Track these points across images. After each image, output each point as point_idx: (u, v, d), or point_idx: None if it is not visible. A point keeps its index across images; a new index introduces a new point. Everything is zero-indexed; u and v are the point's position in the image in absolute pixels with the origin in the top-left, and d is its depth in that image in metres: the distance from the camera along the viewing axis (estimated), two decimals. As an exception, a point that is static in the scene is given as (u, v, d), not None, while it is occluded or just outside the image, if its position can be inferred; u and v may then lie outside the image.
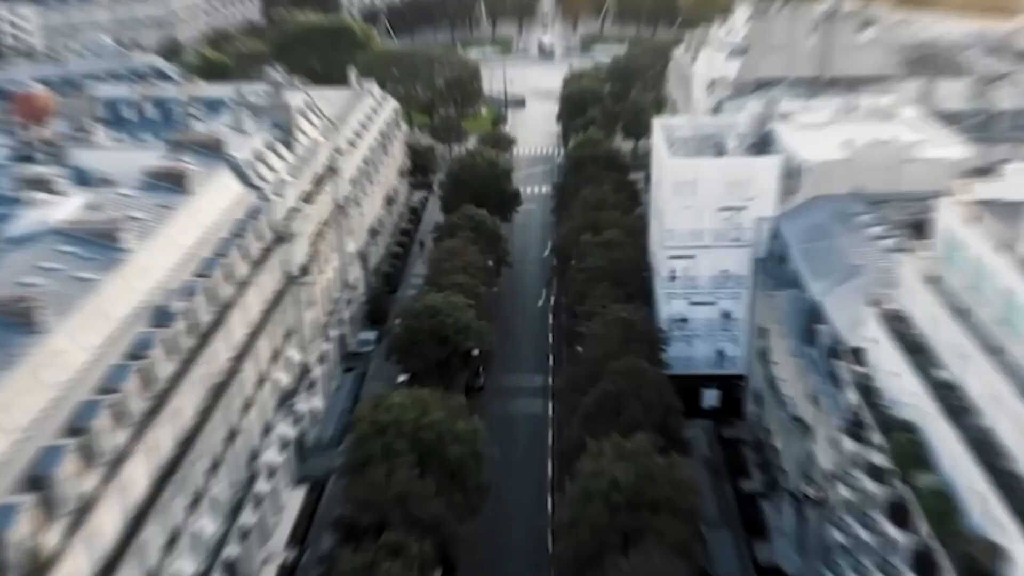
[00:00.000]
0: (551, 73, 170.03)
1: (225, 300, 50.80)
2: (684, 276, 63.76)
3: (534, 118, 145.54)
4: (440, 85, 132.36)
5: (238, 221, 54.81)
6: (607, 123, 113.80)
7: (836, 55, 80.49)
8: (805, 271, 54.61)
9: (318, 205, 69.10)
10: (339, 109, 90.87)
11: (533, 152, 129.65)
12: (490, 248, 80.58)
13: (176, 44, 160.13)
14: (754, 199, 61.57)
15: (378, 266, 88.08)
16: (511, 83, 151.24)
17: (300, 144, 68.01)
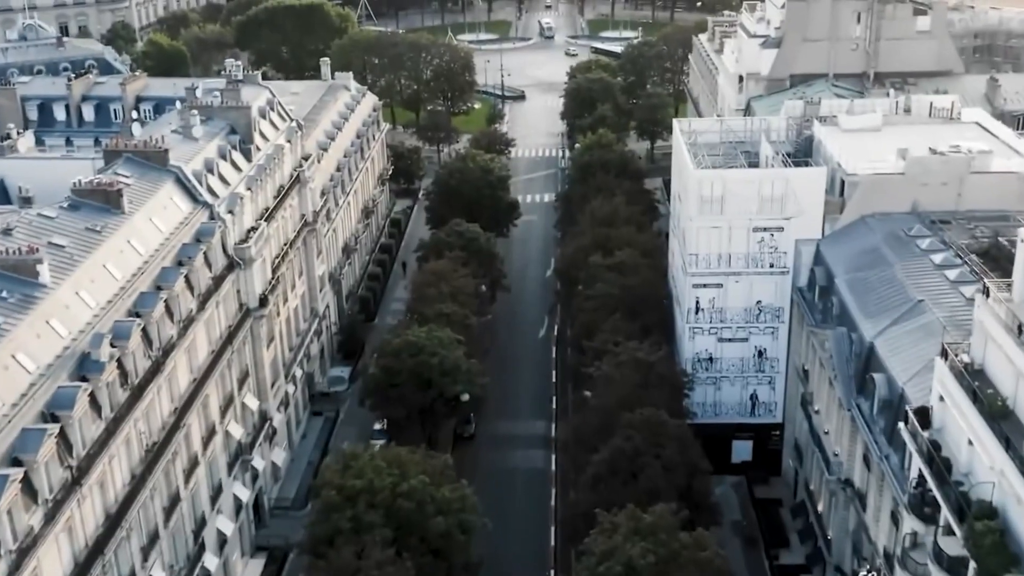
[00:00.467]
0: (554, 62, 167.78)
1: (166, 343, 47.82)
2: (711, 308, 60.80)
3: (535, 113, 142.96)
4: (427, 77, 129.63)
5: (184, 246, 51.84)
6: (619, 121, 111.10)
7: (885, 47, 77.82)
8: (855, 306, 51.66)
9: (281, 222, 66.19)
10: (309, 107, 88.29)
11: (534, 154, 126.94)
12: (484, 270, 77.69)
13: (128, 30, 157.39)
14: (793, 218, 58.63)
15: (353, 289, 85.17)
16: (509, 73, 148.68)
17: (261, 151, 65.11)
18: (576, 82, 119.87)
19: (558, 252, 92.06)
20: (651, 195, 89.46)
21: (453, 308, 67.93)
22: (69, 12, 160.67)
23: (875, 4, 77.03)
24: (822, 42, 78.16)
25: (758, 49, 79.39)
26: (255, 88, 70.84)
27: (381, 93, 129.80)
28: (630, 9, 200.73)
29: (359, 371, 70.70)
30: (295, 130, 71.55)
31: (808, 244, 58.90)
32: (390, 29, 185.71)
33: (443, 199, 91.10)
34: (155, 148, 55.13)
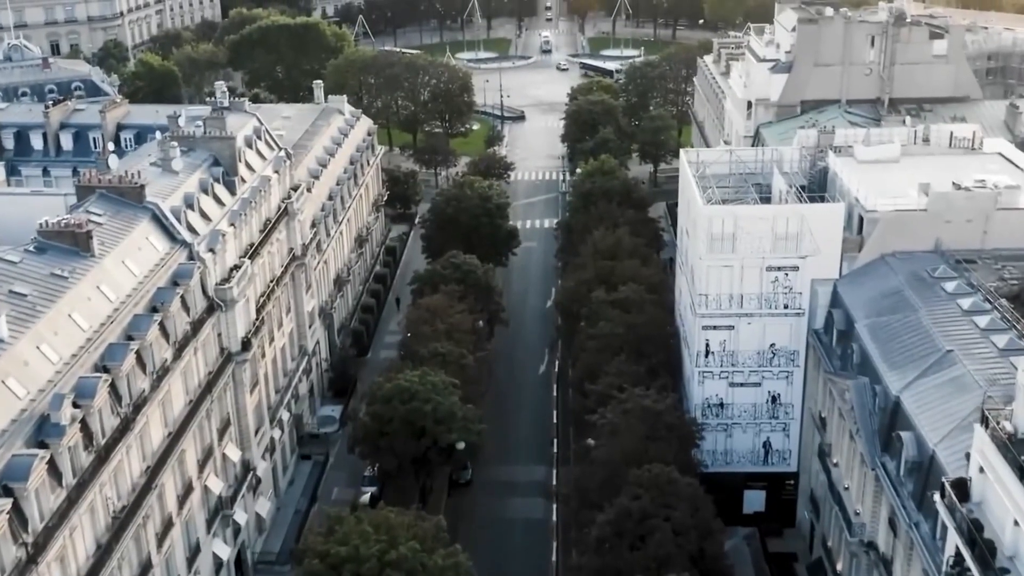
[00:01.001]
0: (555, 81, 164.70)
1: (137, 397, 44.33)
2: (722, 351, 57.27)
3: (535, 134, 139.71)
4: (425, 98, 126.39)
5: (159, 290, 48.39)
6: (621, 145, 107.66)
7: (900, 72, 74.49)
8: (878, 355, 48.15)
9: (267, 258, 62.77)
10: (301, 132, 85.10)
11: (534, 177, 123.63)
12: (481, 304, 74.20)
13: (120, 48, 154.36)
14: (809, 257, 55.19)
15: (346, 322, 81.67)
16: (508, 95, 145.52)
17: (246, 183, 61.71)
18: (577, 104, 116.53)
19: (559, 283, 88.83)
20: (655, 224, 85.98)
21: (449, 347, 64.45)
22: (60, 30, 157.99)
23: (889, 27, 73.75)
24: (834, 67, 74.84)
25: (767, 74, 76.07)
26: (241, 115, 67.48)
27: (377, 114, 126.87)
28: (631, 27, 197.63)
29: (351, 411, 67.13)
30: (283, 160, 68.16)
31: (825, 284, 55.47)
32: (387, 47, 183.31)
33: (439, 227, 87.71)
34: (130, 184, 51.70)
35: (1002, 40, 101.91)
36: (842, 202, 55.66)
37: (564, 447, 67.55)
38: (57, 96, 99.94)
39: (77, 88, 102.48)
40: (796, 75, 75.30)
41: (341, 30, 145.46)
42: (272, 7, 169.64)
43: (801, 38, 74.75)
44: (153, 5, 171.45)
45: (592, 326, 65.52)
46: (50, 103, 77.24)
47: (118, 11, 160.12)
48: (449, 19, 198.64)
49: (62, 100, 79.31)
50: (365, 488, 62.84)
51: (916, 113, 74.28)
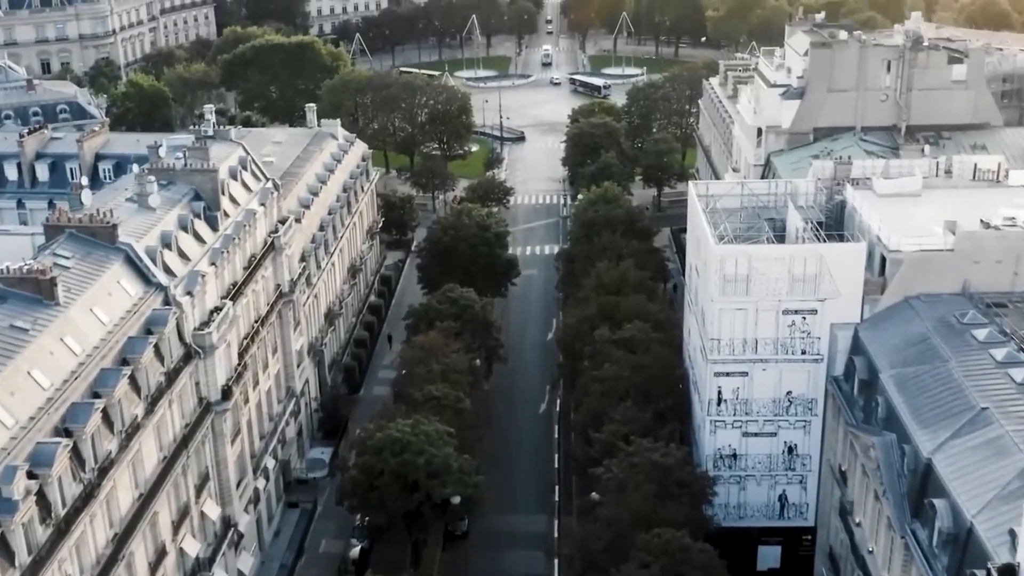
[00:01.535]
0: (555, 100, 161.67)
1: (103, 459, 40.79)
2: (735, 399, 53.72)
3: (535, 156, 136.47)
4: (423, 119, 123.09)
5: (130, 340, 44.87)
6: (624, 168, 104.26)
7: (918, 98, 71.16)
8: (906, 411, 44.58)
9: (252, 297, 59.27)
10: (292, 158, 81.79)
11: (534, 201, 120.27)
12: (479, 341, 70.66)
13: (112, 67, 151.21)
14: (828, 300, 51.72)
15: (337, 357, 78.07)
16: (508, 117, 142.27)
17: (229, 218, 58.28)
18: (578, 127, 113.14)
19: (560, 316, 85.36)
20: (661, 255, 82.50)
21: (444, 390, 60.89)
22: (51, 48, 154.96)
23: (907, 52, 70.46)
24: (849, 93, 71.51)
25: (778, 100, 72.73)
26: (226, 145, 64.18)
27: (374, 136, 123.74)
28: (632, 44, 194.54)
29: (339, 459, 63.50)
30: (270, 191, 64.75)
31: (845, 329, 51.97)
32: (387, 65, 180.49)
33: (436, 257, 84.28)
34: (102, 223, 48.24)
35: (1018, 62, 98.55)
36: (863, 242, 52.15)
37: (566, 495, 63.97)
38: (41, 119, 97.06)
39: (63, 111, 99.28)
40: (809, 101, 71.96)
41: (337, 49, 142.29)
42: (268, 25, 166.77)
43: (814, 63, 71.44)
44: (146, 23, 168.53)
45: (596, 367, 62.00)
46: (25, 131, 73.85)
47: (110, 29, 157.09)
48: (448, 36, 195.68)
49: (39, 128, 75.81)
50: (355, 541, 59.22)
51: (934, 141, 70.95)
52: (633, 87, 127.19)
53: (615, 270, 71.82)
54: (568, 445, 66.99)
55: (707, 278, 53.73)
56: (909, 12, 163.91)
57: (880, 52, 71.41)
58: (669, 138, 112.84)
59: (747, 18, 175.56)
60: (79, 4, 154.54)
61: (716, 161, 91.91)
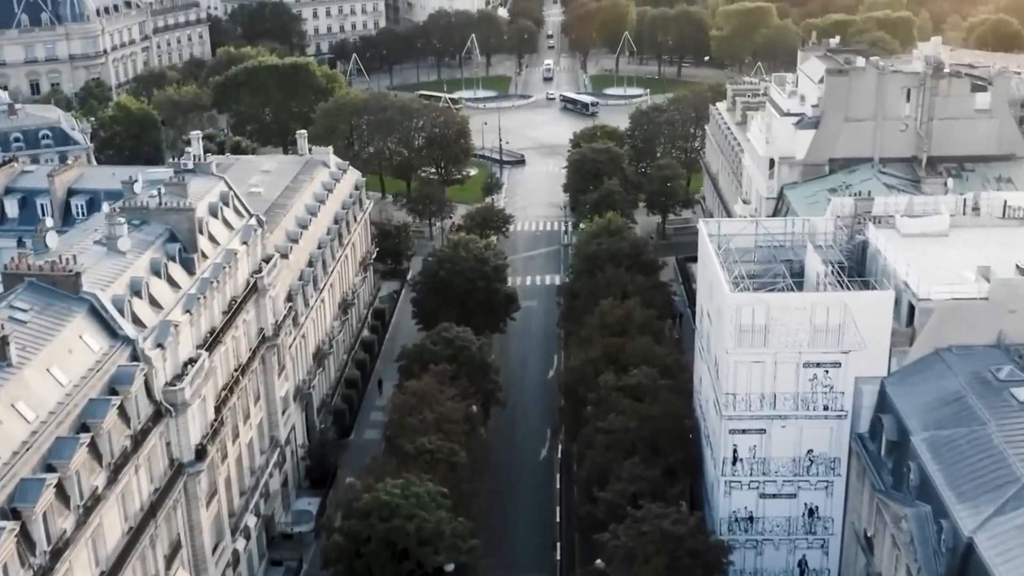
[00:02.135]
0: (556, 122, 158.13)
1: (58, 540, 36.75)
2: (751, 458, 49.77)
3: (536, 180, 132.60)
4: (420, 144, 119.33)
5: (91, 403, 40.90)
6: (627, 196, 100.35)
7: (939, 128, 67.43)
8: (942, 481, 40.62)
9: (232, 344, 55.26)
10: (281, 188, 78.04)
11: (534, 227, 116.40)
12: (476, 383, 66.62)
13: (103, 88, 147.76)
14: (853, 352, 47.83)
15: (327, 399, 74.00)
16: (508, 141, 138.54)
17: (208, 259, 54.37)
18: (580, 152, 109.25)
19: (561, 354, 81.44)
20: (667, 290, 78.54)
21: (437, 442, 56.86)
22: (40, 69, 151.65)
23: (927, 79, 66.78)
24: (866, 122, 67.84)
25: (792, 129, 68.97)
26: (207, 179, 60.36)
27: (369, 160, 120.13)
28: (634, 64, 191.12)
29: (325, 519, 59.47)
30: (254, 228, 60.83)
31: (871, 383, 48.13)
32: (385, 85, 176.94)
33: (432, 291, 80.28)
34: (64, 271, 44.32)
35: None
36: (891, 290, 48.21)
37: (568, 553, 59.82)
38: (22, 146, 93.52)
39: (45, 137, 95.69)
40: (824, 131, 68.21)
41: (332, 71, 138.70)
42: (264, 44, 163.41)
43: (830, 91, 67.69)
44: (139, 43, 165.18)
45: (600, 416, 58.02)
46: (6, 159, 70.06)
47: (101, 49, 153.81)
48: (448, 56, 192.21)
49: (8, 160, 72.02)
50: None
51: (957, 173, 67.27)
52: (636, 110, 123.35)
53: (620, 309, 67.89)
54: (570, 498, 62.87)
55: (721, 327, 49.77)
56: (917, 32, 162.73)
57: (899, 79, 67.73)
58: (674, 164, 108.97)
59: (751, 38, 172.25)
60: (69, 24, 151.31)
61: (724, 190, 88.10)
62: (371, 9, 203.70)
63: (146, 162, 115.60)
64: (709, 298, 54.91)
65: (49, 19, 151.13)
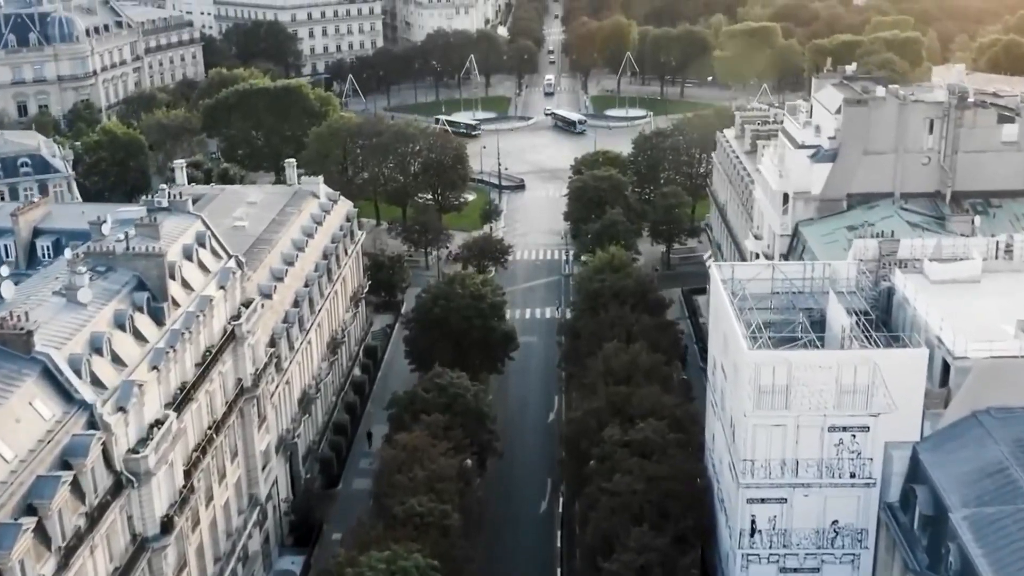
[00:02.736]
0: (557, 144, 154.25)
1: (-10, 643, 32.48)
2: (771, 529, 45.57)
3: (536, 206, 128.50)
4: (416, 169, 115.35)
5: (39, 480, 36.67)
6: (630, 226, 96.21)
7: (964, 161, 63.37)
8: (986, 565, 36.45)
9: (205, 399, 51.05)
10: (267, 221, 74.07)
11: (534, 256, 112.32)
12: (471, 433, 62.35)
13: (91, 110, 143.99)
14: (883, 415, 43.68)
15: (313, 446, 69.72)
16: (507, 168, 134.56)
17: (180, 308, 50.23)
18: (581, 180, 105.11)
19: (562, 397, 77.28)
20: (675, 330, 74.32)
21: (429, 504, 52.58)
22: (28, 91, 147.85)
23: (952, 110, 62.75)
24: (887, 155, 63.78)
25: (807, 162, 64.89)
26: (182, 218, 56.24)
27: (364, 186, 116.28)
28: (636, 84, 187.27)
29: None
30: (232, 271, 56.65)
31: (902, 448, 44.08)
32: (382, 106, 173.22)
33: (425, 330, 76.17)
34: (14, 329, 40.19)
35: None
36: (923, 347, 44.05)
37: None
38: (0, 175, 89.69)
39: (24, 165, 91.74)
40: (842, 165, 64.13)
41: (327, 93, 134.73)
42: (258, 65, 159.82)
43: (848, 122, 63.65)
44: (130, 63, 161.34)
45: (604, 474, 53.80)
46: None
47: (91, 70, 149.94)
48: (446, 76, 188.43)
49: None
50: None
51: (983, 209, 63.20)
52: (640, 135, 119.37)
53: (625, 354, 63.65)
54: (572, 563, 58.56)
55: (738, 387, 45.58)
56: (926, 53, 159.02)
57: (922, 110, 63.67)
58: (679, 191, 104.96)
59: (756, 58, 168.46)
60: (58, 44, 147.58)
61: (733, 223, 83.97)
62: (368, 29, 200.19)
63: (132, 188, 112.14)
64: (723, 351, 50.69)
65: (37, 39, 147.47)
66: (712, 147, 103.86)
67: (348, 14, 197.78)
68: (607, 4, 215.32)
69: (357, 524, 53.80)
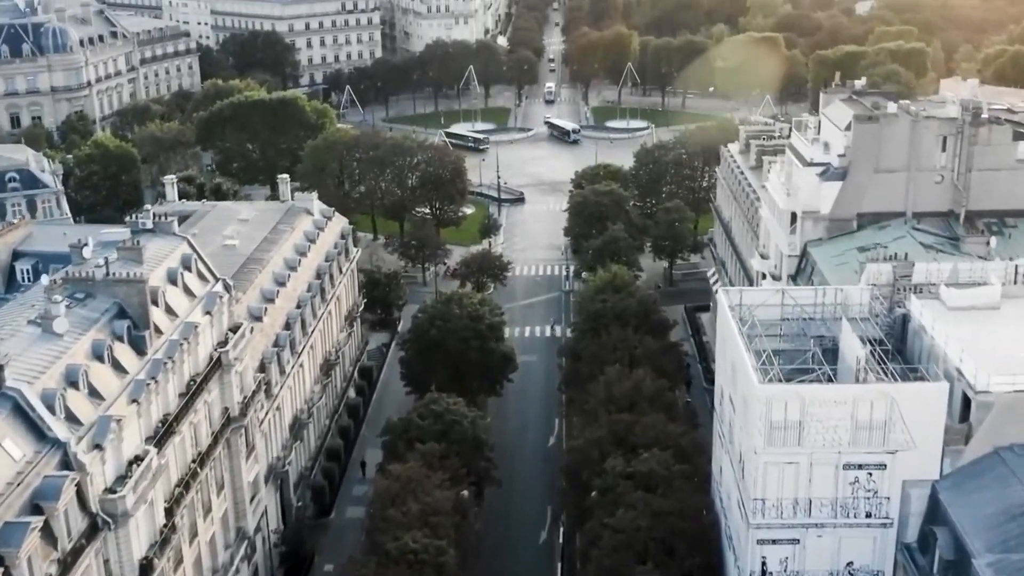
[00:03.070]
0: (557, 156, 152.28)
1: None
2: (783, 571, 43.26)
3: (536, 220, 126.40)
4: (413, 183, 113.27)
5: (7, 527, 34.42)
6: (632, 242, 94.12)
7: (978, 180, 61.19)
8: (1018, 620, 34.14)
9: (189, 432, 48.82)
10: (258, 240, 72.05)
11: (533, 272, 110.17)
12: (468, 462, 60.15)
13: (85, 121, 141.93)
14: (900, 452, 41.47)
15: (305, 474, 67.46)
16: (506, 170, 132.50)
17: (163, 335, 48.05)
18: (582, 195, 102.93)
19: (563, 421, 75.12)
20: (679, 352, 72.13)
21: (423, 540, 50.32)
22: (21, 102, 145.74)
23: (966, 127, 60.61)
24: (898, 173, 61.59)
25: (816, 181, 62.66)
26: (167, 240, 54.07)
27: (361, 200, 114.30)
28: (637, 95, 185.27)
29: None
30: (219, 295, 54.43)
31: (920, 487, 41.82)
32: (380, 117, 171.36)
33: (421, 352, 74.06)
34: (-17, 364, 38.02)
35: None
36: (944, 381, 41.84)
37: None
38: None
39: (11, 180, 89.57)
40: (852, 183, 61.93)
41: (323, 105, 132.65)
42: (255, 75, 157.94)
43: (858, 139, 61.44)
44: (125, 74, 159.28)
45: (607, 507, 51.60)
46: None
47: (85, 81, 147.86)
48: (445, 87, 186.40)
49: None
50: None
51: (998, 229, 61.00)
52: (641, 148, 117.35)
53: (627, 381, 61.43)
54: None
55: (748, 422, 43.37)
56: (931, 63, 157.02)
57: (935, 127, 61.40)
58: (681, 206, 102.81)
59: (758, 69, 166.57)
60: (51, 55, 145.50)
61: (738, 240, 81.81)
62: (367, 39, 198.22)
63: (125, 203, 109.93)
64: (732, 381, 48.47)
65: (31, 50, 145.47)
66: (715, 160, 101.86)
67: (346, 24, 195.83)
68: (608, 14, 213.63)
69: (349, 562, 51.53)
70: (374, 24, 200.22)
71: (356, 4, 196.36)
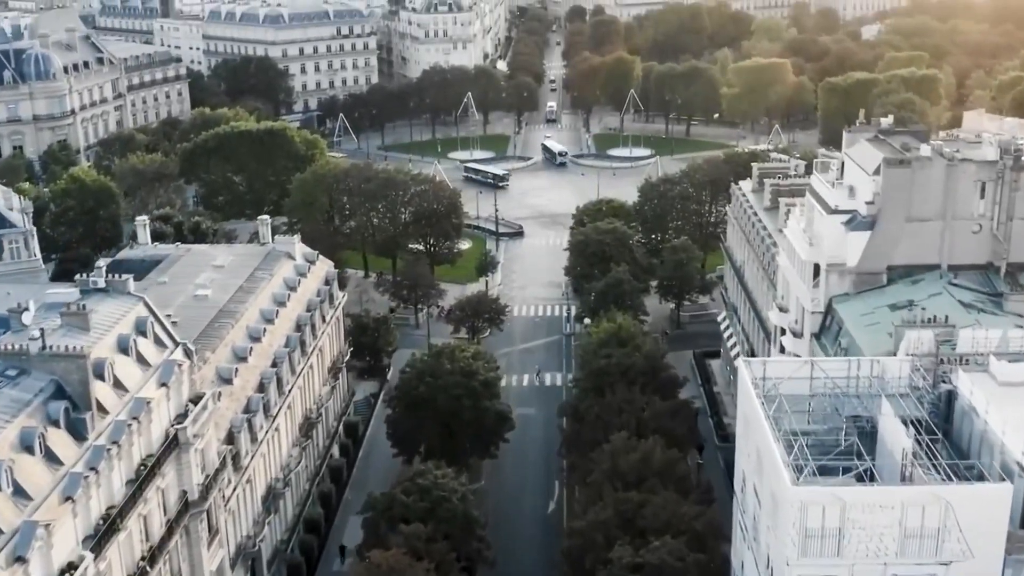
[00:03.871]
0: (558, 187, 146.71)
1: None
2: None
3: (535, 255, 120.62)
4: (407, 218, 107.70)
5: None
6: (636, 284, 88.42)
7: (1020, 229, 55.66)
8: None
9: (136, 527, 42.85)
10: (234, 288, 66.33)
11: (532, 312, 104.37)
12: (457, 543, 54.19)
13: (68, 151, 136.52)
14: (955, 563, 35.55)
15: (280, 548, 61.42)
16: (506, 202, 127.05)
17: (108, 415, 42.22)
18: (584, 233, 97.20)
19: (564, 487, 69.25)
20: (690, 413, 66.24)
21: (406, 644, 44.45)
22: (2, 131, 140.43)
23: (1007, 171, 55.11)
24: (933, 222, 56.09)
25: (842, 230, 57.04)
26: (121, 302, 48.36)
27: (351, 235, 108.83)
28: (640, 122, 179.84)
29: None
30: (177, 364, 48.59)
31: (980, 603, 35.80)
32: (375, 145, 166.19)
33: (410, 410, 68.30)
34: None
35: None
36: (1007, 482, 35.99)
37: None
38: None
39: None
40: (882, 233, 56.32)
41: (312, 136, 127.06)
42: (247, 102, 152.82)
43: (889, 185, 55.83)
44: (111, 101, 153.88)
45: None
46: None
47: (68, 109, 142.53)
48: (443, 114, 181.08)
49: None
50: None
51: (1038, 283, 55.38)
52: (646, 182, 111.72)
53: (635, 451, 55.55)
54: None
55: (779, 527, 37.44)
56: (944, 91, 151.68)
57: (972, 171, 55.91)
58: (689, 245, 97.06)
59: (765, 96, 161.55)
60: (33, 82, 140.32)
61: (752, 287, 76.04)
62: (363, 64, 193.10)
63: (102, 240, 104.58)
64: (757, 470, 42.58)
65: (12, 77, 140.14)
66: (723, 192, 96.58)
67: (342, 49, 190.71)
68: (609, 38, 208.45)
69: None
70: (370, 49, 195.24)
71: (352, 29, 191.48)
